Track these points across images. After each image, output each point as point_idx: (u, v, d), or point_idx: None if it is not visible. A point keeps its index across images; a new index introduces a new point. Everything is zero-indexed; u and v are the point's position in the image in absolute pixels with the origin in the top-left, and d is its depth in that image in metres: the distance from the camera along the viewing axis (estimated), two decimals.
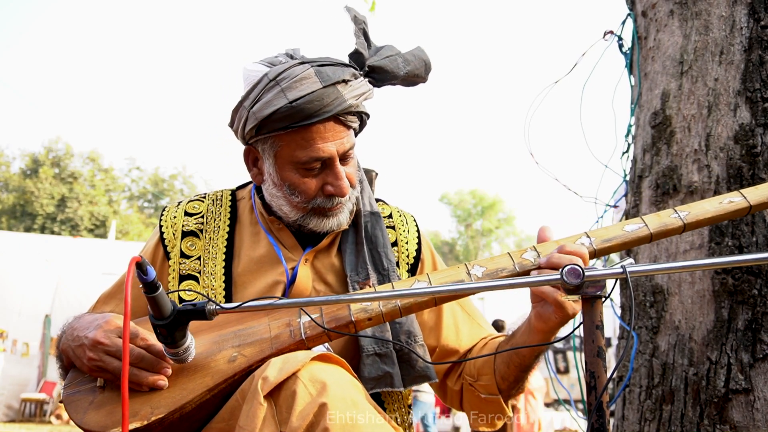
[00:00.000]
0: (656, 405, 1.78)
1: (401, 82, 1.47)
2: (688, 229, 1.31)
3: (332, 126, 1.36)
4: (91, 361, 1.24)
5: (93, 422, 1.19)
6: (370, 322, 1.28)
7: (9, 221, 28.10)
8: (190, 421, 1.22)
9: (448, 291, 1.15)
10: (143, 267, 1.06)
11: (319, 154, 1.36)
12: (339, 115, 1.36)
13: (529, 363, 1.37)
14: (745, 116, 1.76)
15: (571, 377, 10.65)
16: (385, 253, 1.49)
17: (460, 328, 1.55)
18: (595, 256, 1.31)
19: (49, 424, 10.54)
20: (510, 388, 1.42)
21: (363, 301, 1.24)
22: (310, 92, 1.33)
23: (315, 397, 1.08)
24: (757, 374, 1.63)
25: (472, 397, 1.48)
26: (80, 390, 1.27)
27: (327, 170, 1.39)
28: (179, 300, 1.43)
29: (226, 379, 1.22)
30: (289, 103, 1.32)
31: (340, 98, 1.35)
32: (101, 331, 1.25)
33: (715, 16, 1.87)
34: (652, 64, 2.03)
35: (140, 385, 1.21)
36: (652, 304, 1.85)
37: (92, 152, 30.80)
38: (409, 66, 1.46)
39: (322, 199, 1.40)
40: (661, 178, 1.89)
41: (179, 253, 1.48)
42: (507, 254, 1.32)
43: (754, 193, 1.33)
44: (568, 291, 1.04)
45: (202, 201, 1.56)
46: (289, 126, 1.34)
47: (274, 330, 1.29)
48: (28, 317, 10.83)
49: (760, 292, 1.66)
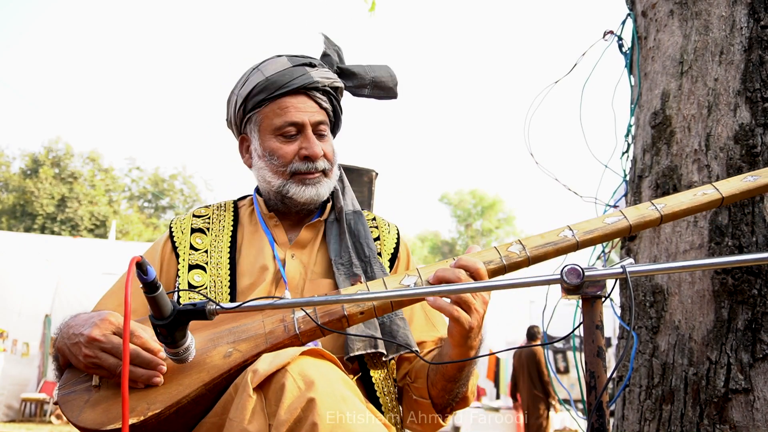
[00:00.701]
0: (656, 405, 1.78)
1: (371, 90, 1.71)
2: (666, 220, 1.38)
3: (303, 99, 1.59)
4: (87, 358, 1.25)
5: (89, 420, 1.20)
6: (362, 316, 1.32)
7: (9, 221, 28.09)
8: (186, 417, 1.23)
9: (445, 291, 1.15)
10: (143, 267, 1.06)
11: (293, 119, 1.57)
12: (308, 91, 1.59)
13: (451, 374, 1.42)
14: (745, 116, 1.76)
15: (571, 377, 10.64)
16: (367, 243, 1.62)
17: (414, 322, 1.62)
18: (578, 247, 1.36)
19: (49, 424, 10.54)
20: (439, 396, 1.47)
21: (358, 301, 1.25)
22: (282, 69, 1.59)
23: (303, 392, 1.10)
24: (757, 374, 1.63)
25: (407, 397, 1.56)
26: (75, 390, 1.27)
27: (301, 137, 1.59)
28: (189, 286, 1.55)
29: (222, 374, 1.23)
30: (264, 78, 1.58)
31: (306, 75, 1.59)
32: (97, 328, 1.27)
33: (715, 16, 1.87)
34: (652, 64, 2.03)
35: (136, 382, 1.23)
36: (652, 304, 1.85)
37: (92, 152, 30.80)
38: (374, 72, 1.71)
39: (298, 162, 1.58)
40: (661, 178, 1.89)
41: (189, 246, 1.62)
42: (494, 248, 1.37)
43: (726, 186, 1.39)
44: (567, 291, 1.04)
45: (208, 208, 1.74)
46: (266, 98, 1.58)
47: (268, 326, 1.31)
48: (28, 317, 10.82)
49: (760, 292, 1.66)
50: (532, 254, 1.34)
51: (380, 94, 1.72)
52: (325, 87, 1.61)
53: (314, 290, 1.56)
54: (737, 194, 1.38)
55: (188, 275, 1.56)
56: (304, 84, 1.57)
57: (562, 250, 1.35)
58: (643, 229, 1.42)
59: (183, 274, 1.56)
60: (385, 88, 1.71)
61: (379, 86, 1.71)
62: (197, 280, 1.55)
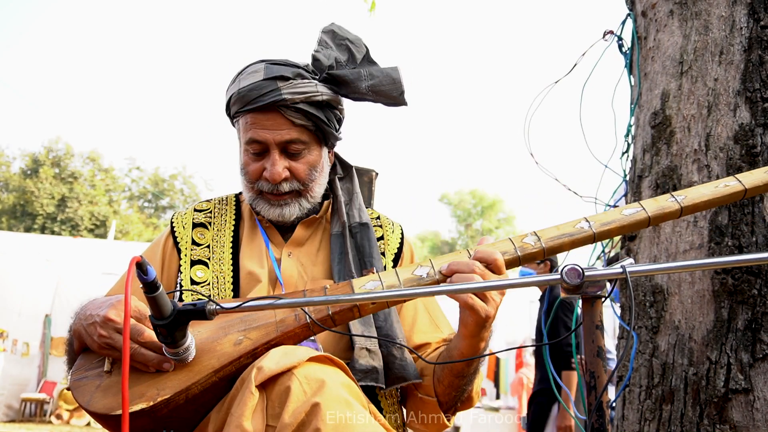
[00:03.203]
0: (656, 405, 1.78)
1: (373, 97, 1.55)
2: (686, 213, 1.33)
3: (273, 116, 1.51)
4: (101, 338, 1.26)
5: (99, 405, 1.21)
6: (374, 306, 1.30)
7: (9, 221, 28.08)
8: (196, 405, 1.22)
9: (453, 290, 1.15)
10: (143, 267, 1.06)
11: (255, 137, 1.52)
12: (279, 108, 1.50)
13: (459, 368, 1.40)
14: (745, 116, 1.76)
15: None
16: (371, 261, 1.56)
17: (418, 322, 1.59)
18: (595, 240, 1.32)
19: (49, 424, 10.53)
20: (445, 393, 1.45)
21: (364, 300, 1.24)
22: (252, 82, 1.51)
23: (309, 396, 1.09)
24: (757, 374, 1.63)
25: (412, 396, 1.53)
26: (87, 375, 1.28)
27: (266, 156, 1.53)
28: (191, 282, 1.52)
29: (232, 361, 1.22)
30: (237, 90, 1.53)
31: (275, 91, 1.49)
32: (113, 309, 1.27)
33: (715, 16, 1.87)
34: (651, 64, 2.03)
35: (146, 365, 1.23)
36: (652, 304, 1.85)
37: (92, 152, 30.78)
38: (372, 80, 1.54)
39: (263, 182, 1.54)
40: (661, 178, 1.89)
41: (190, 241, 1.59)
42: (508, 239, 1.34)
43: (749, 178, 1.35)
44: (567, 291, 1.04)
45: (209, 202, 1.71)
46: (239, 111, 1.54)
47: (280, 314, 1.31)
48: (28, 317, 10.81)
49: (760, 292, 1.66)
50: (547, 246, 1.31)
51: (384, 101, 1.56)
52: (296, 105, 1.49)
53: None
54: (760, 186, 1.34)
55: (190, 271, 1.54)
56: (272, 101, 1.48)
57: (579, 242, 1.32)
58: (662, 222, 1.37)
59: (185, 270, 1.54)
60: (388, 96, 1.55)
61: (379, 94, 1.55)
62: (200, 275, 1.53)
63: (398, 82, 1.55)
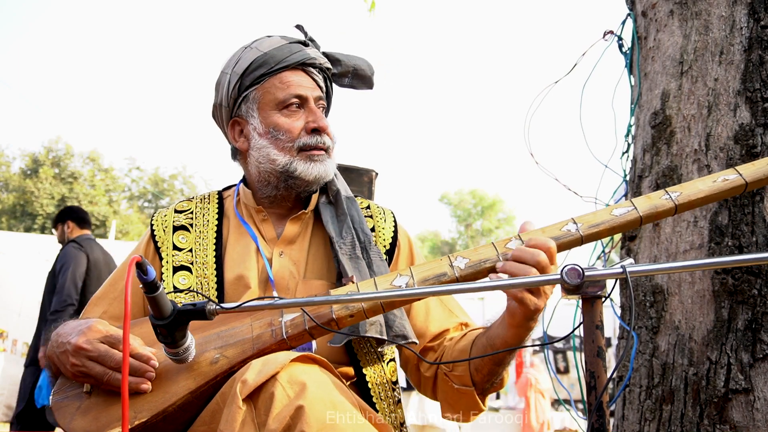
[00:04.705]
0: (656, 405, 1.78)
1: (351, 79, 1.70)
2: (681, 210, 1.25)
3: (301, 74, 1.58)
4: (74, 366, 1.25)
5: (79, 427, 1.21)
6: (351, 319, 1.28)
7: (9, 221, 28.07)
8: (174, 424, 1.23)
9: (439, 292, 1.14)
10: (143, 267, 1.06)
11: (297, 92, 1.55)
12: (305, 67, 1.58)
13: (502, 357, 1.38)
14: (745, 116, 1.76)
15: (571, 377, 10.63)
16: (362, 228, 1.57)
17: (432, 312, 1.57)
18: (582, 242, 1.27)
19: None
20: (484, 381, 1.43)
21: (353, 302, 1.23)
22: (278, 45, 1.58)
23: (292, 399, 1.09)
24: (757, 374, 1.63)
25: (445, 387, 1.50)
26: (68, 396, 1.28)
27: (305, 111, 1.57)
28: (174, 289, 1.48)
29: (208, 381, 1.22)
30: (262, 53, 1.56)
31: (303, 51, 1.58)
32: (83, 337, 1.26)
33: (715, 16, 1.87)
34: (652, 64, 2.03)
35: None
36: (652, 304, 1.85)
37: (92, 152, 30.76)
38: (355, 61, 1.70)
39: (306, 137, 1.55)
40: (661, 178, 1.89)
41: (171, 246, 1.54)
42: (491, 244, 1.29)
43: (750, 170, 1.26)
44: (567, 291, 1.04)
45: (191, 201, 1.66)
46: (266, 73, 1.55)
47: (256, 330, 1.29)
48: (28, 317, 10.77)
49: (760, 292, 1.66)
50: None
51: (358, 83, 1.71)
52: (321, 65, 1.61)
53: (307, 291, 1.51)
54: (762, 179, 1.25)
55: (173, 278, 1.49)
56: (303, 59, 1.57)
57: (564, 245, 1.27)
58: (656, 220, 1.26)
59: (167, 278, 1.49)
60: (365, 77, 1.71)
61: (358, 75, 1.70)
62: (183, 282, 1.49)
63: (371, 66, 1.72)
